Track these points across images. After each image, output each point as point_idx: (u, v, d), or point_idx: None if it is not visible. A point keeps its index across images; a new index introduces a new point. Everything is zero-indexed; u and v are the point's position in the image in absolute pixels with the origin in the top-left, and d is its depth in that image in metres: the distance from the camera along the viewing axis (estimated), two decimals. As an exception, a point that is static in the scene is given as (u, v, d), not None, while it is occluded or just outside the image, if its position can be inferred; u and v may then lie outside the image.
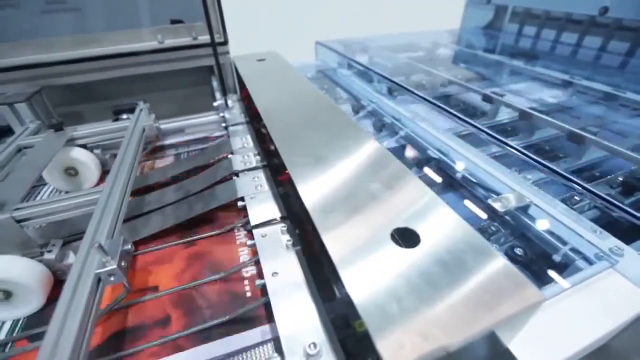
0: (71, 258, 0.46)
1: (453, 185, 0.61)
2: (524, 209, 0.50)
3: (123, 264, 0.34)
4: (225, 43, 0.87)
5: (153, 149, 0.78)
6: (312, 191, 0.35)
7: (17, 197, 0.44)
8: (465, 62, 1.35)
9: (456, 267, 0.26)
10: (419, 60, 1.28)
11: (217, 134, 0.82)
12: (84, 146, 0.67)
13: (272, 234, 0.43)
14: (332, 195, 0.35)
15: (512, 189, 0.53)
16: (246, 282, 0.43)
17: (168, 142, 0.82)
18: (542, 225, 0.48)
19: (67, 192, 0.66)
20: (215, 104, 0.83)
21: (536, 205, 0.50)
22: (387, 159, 0.41)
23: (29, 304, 0.41)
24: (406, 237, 0.29)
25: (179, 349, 0.37)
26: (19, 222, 0.41)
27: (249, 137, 0.68)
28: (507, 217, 0.52)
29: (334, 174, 0.38)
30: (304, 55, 1.51)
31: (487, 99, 0.86)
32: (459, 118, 0.74)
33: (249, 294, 0.42)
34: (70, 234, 0.50)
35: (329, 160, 0.41)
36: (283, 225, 0.44)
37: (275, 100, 0.60)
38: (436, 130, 0.72)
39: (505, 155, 0.66)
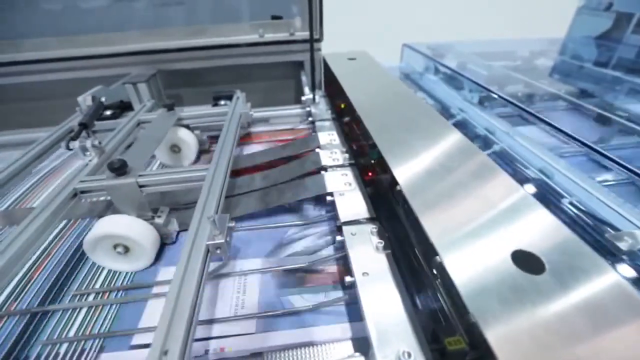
0: (174, 225, 0.52)
1: (556, 213, 0.55)
2: (652, 251, 0.43)
3: (228, 238, 0.37)
4: (320, 39, 0.89)
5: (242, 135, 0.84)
6: (421, 198, 0.34)
7: (140, 164, 0.50)
8: (569, 75, 1.20)
9: (590, 303, 0.23)
10: (515, 69, 1.17)
11: (302, 126, 0.85)
12: (187, 126, 0.74)
13: (362, 233, 0.43)
14: (441, 203, 0.33)
15: (637, 225, 0.46)
16: (330, 276, 0.43)
17: (255, 129, 0.86)
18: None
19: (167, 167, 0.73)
20: (303, 98, 0.86)
21: (668, 248, 0.42)
22: (493, 171, 0.39)
23: (141, 261, 0.46)
24: (528, 261, 0.27)
25: (259, 328, 0.38)
26: (140, 186, 0.47)
27: (335, 134, 0.69)
28: (624, 257, 0.45)
29: (440, 180, 0.37)
30: (385, 57, 1.49)
31: (601, 118, 0.76)
32: (570, 136, 0.66)
33: (332, 288, 0.42)
34: (170, 204, 0.55)
35: (433, 166, 0.39)
36: (373, 226, 0.44)
37: (371, 100, 0.60)
38: (536, 147, 0.65)
39: (624, 184, 0.57)
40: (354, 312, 0.39)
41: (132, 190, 0.47)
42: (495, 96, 0.86)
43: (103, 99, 0.73)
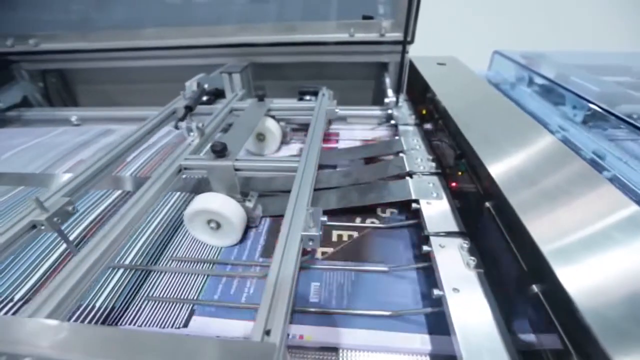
0: (259, 210, 0.55)
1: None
2: None
3: (320, 232, 0.37)
4: (411, 42, 0.86)
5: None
6: (535, 219, 0.32)
7: (237, 149, 0.53)
8: None
9: None
10: (631, 86, 1.02)
11: (382, 128, 0.84)
12: (273, 117, 0.77)
13: (451, 246, 0.41)
14: (558, 227, 0.30)
15: None
16: (411, 285, 0.42)
17: (335, 126, 0.87)
18: None
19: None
20: (387, 100, 0.84)
21: None
22: (616, 197, 0.34)
23: (229, 238, 0.50)
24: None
25: (337, 323, 0.39)
26: (236, 170, 0.50)
27: (420, 139, 0.67)
28: None
29: (556, 202, 0.33)
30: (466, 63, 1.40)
31: None
32: None
33: (411, 297, 0.41)
34: (252, 189, 0.57)
35: (546, 185, 0.36)
36: (464, 241, 0.41)
37: (466, 108, 0.57)
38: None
39: None
40: (436, 325, 0.37)
41: (228, 172, 0.50)
42: (610, 116, 0.76)
43: (206, 86, 0.79)
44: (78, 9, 1.04)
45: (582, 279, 0.27)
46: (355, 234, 0.51)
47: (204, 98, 0.84)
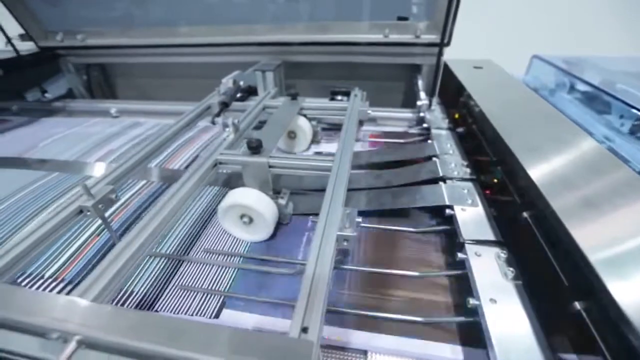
0: (290, 207, 0.55)
1: None
2: None
3: (356, 233, 0.37)
4: (448, 44, 0.84)
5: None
6: (591, 241, 0.30)
7: (271, 146, 0.54)
8: None
9: None
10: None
11: (413, 131, 0.82)
12: (305, 116, 0.78)
13: (487, 255, 0.40)
14: (617, 247, 0.29)
15: None
16: (444, 292, 0.41)
17: (365, 127, 0.87)
18: None
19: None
20: (419, 103, 0.83)
21: None
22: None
23: (260, 234, 0.50)
24: None
25: (366, 327, 0.38)
26: (270, 166, 0.51)
27: (453, 144, 0.65)
28: None
29: (611, 220, 0.32)
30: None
31: None
32: None
33: (444, 306, 0.40)
34: (282, 186, 0.58)
35: (597, 199, 0.34)
36: (501, 251, 0.40)
37: (507, 114, 0.55)
38: None
39: None
40: (467, 335, 0.36)
41: (262, 168, 0.51)
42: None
43: (241, 83, 0.81)
44: (121, 7, 1.09)
45: (636, 295, 0.25)
46: (385, 238, 0.50)
47: (238, 95, 0.86)
